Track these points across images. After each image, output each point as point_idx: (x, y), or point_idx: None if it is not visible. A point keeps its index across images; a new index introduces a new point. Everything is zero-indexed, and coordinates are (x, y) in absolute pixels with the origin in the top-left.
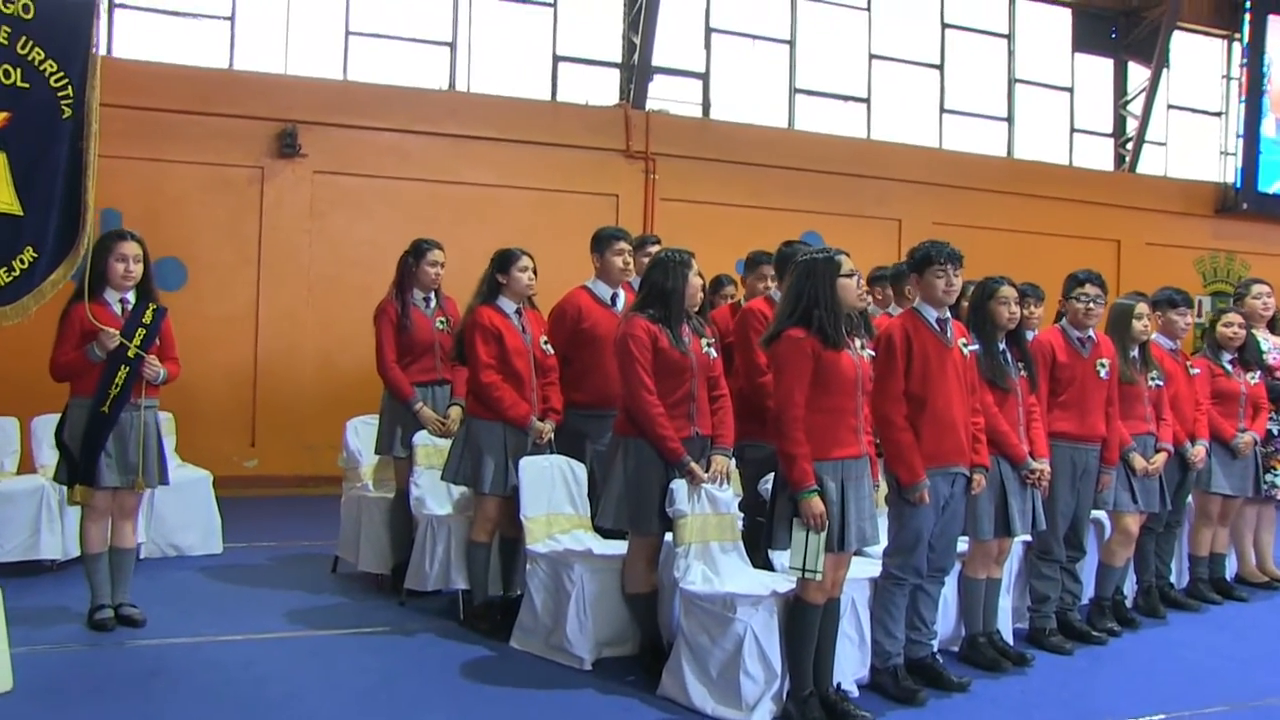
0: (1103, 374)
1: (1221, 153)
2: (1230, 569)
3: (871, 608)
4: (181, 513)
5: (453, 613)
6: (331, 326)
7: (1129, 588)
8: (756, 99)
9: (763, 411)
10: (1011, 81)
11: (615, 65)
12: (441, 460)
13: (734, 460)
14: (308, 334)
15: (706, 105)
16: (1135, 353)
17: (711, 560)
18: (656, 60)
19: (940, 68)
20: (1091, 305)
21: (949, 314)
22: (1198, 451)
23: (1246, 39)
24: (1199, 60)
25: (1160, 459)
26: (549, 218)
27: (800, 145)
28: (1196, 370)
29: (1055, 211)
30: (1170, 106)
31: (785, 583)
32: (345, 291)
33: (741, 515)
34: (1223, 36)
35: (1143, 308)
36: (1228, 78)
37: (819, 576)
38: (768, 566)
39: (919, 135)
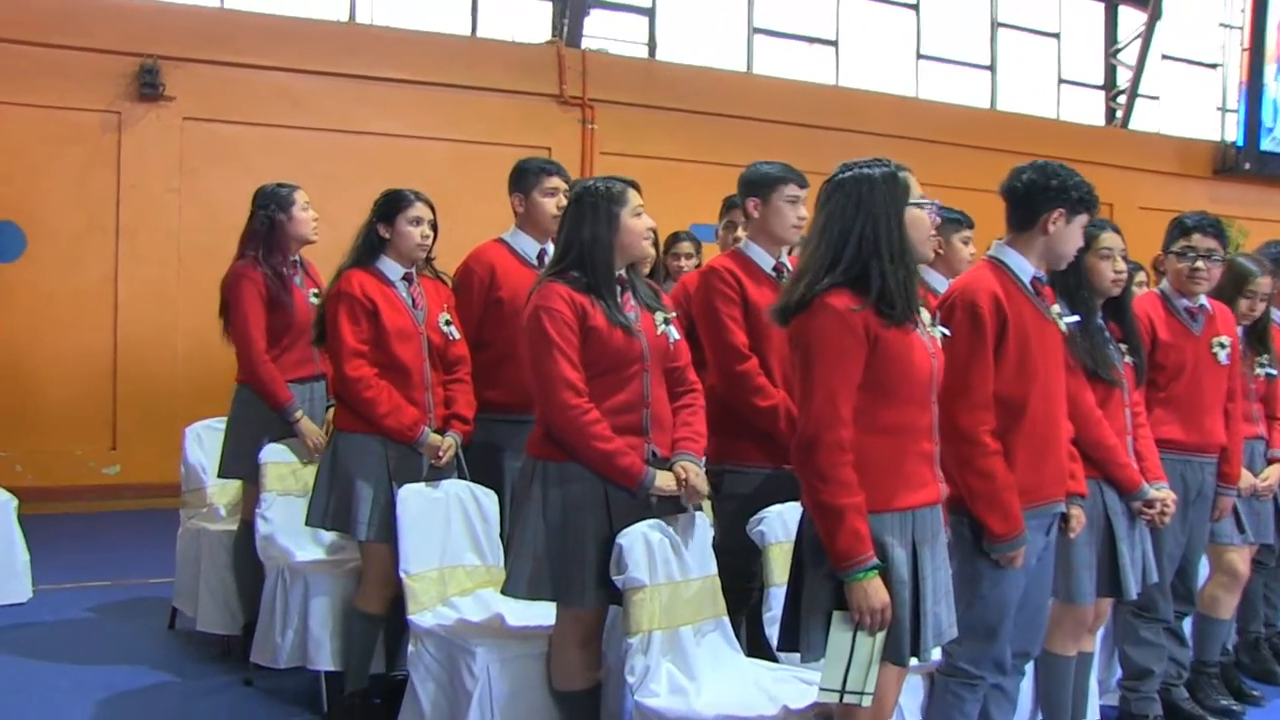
0: (1222, 358)
1: (1218, 108)
2: None
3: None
4: None
5: (316, 700)
6: (208, 305)
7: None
8: (710, 38)
9: (745, 417)
10: (994, 25)
11: None
12: (301, 484)
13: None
14: (179, 314)
15: (652, 44)
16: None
17: (682, 654)
18: None
19: (916, 8)
20: (1199, 264)
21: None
22: None
23: None
24: (1195, 6)
25: (1274, 473)
26: (469, 174)
27: (760, 92)
28: None
29: None
30: (1164, 57)
31: (800, 690)
32: (223, 262)
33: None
34: None
35: (1264, 281)
36: (1227, 26)
37: (867, 701)
38: (762, 652)
39: (893, 83)
